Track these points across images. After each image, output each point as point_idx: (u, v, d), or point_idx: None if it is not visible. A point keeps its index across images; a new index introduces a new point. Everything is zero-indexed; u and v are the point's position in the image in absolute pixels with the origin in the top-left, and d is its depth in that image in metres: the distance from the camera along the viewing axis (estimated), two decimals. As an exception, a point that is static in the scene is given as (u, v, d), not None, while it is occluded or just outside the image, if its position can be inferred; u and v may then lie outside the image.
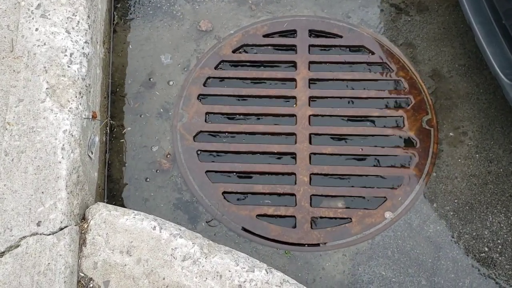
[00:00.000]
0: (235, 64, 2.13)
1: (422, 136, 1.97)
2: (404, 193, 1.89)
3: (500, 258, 1.79)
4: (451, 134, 2.00)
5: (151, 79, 2.10)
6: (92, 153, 1.75)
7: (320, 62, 2.11)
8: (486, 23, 1.78)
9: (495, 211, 1.86)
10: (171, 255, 1.50)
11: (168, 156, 1.97)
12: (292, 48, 2.15)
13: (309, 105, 2.03)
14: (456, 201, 1.89)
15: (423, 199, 1.89)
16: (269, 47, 2.15)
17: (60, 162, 1.54)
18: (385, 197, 1.88)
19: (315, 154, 1.95)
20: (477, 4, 1.83)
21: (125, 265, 1.48)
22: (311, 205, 1.87)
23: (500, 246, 1.81)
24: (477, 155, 1.95)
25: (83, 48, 1.75)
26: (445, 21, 2.20)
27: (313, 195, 1.89)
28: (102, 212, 1.57)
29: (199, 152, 1.97)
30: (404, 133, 1.98)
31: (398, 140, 1.99)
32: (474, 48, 2.13)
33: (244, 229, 1.85)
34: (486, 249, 1.81)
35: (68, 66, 1.69)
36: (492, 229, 1.84)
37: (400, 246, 1.82)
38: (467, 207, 1.88)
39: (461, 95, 2.06)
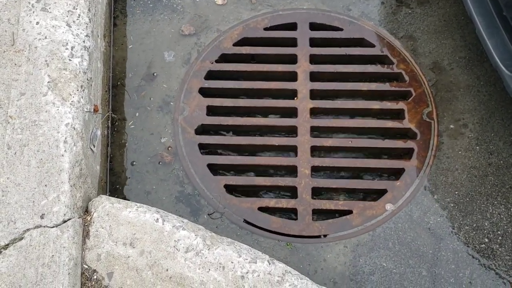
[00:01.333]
0: (236, 57, 2.12)
1: (423, 129, 1.98)
2: (404, 185, 1.90)
3: (500, 249, 1.81)
4: (451, 126, 2.00)
5: (152, 73, 2.10)
6: (94, 146, 1.75)
7: (321, 55, 2.11)
8: (487, 14, 1.78)
9: (495, 202, 1.88)
10: (174, 246, 1.50)
11: (169, 149, 1.98)
12: (292, 41, 2.14)
13: (310, 98, 2.03)
14: (456, 192, 1.90)
15: (424, 191, 1.90)
16: (269, 40, 2.15)
17: (62, 155, 1.54)
18: (386, 189, 1.89)
19: (316, 147, 1.96)
20: (478, -4, 1.83)
21: (129, 257, 1.49)
22: (312, 198, 1.88)
23: (500, 237, 1.82)
24: (478, 147, 1.96)
25: (84, 41, 1.75)
26: (445, 14, 2.20)
27: (314, 187, 1.89)
28: (105, 205, 1.58)
29: (200, 145, 1.97)
30: (404, 126, 1.98)
31: (398, 133, 2.00)
32: (474, 40, 2.13)
33: (246, 222, 1.86)
34: (486, 240, 1.82)
35: (70, 60, 1.69)
36: (492, 220, 1.85)
37: (401, 238, 1.83)
38: (467, 199, 1.89)
39: (462, 88, 2.06)
